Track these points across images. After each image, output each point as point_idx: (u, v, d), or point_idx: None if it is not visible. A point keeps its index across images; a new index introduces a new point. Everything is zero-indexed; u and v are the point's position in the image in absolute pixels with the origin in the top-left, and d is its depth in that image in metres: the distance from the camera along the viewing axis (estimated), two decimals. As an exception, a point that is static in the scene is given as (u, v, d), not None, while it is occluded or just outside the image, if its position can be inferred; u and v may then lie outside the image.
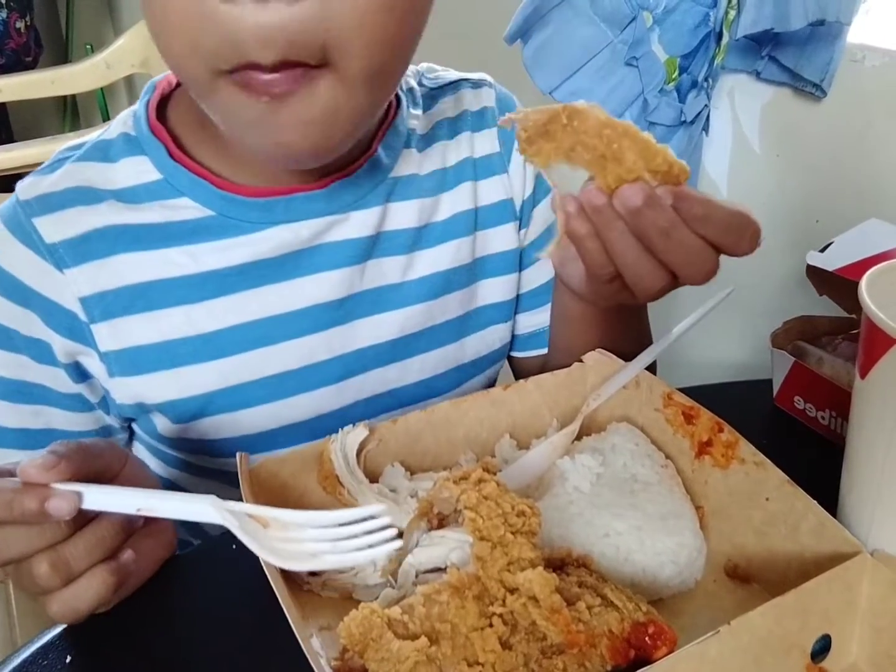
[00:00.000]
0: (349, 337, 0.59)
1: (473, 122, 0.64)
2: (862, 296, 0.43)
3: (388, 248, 0.59)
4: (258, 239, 0.54)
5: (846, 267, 0.58)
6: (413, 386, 0.63)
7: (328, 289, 0.57)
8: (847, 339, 0.64)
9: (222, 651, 0.44)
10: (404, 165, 0.60)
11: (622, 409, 0.56)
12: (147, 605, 0.46)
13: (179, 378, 0.55)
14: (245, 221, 0.54)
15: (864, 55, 1.14)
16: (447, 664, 0.37)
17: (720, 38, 1.12)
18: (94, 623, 0.45)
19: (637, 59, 1.14)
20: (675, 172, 0.41)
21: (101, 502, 0.40)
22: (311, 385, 0.59)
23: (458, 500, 0.42)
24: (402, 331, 0.61)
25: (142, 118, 0.55)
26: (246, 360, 0.56)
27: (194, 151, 0.55)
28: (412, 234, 0.60)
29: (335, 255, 0.57)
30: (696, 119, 1.17)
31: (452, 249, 0.62)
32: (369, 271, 0.59)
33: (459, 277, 0.63)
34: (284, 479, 0.49)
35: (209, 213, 0.54)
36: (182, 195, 0.54)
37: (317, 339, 0.58)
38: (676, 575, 0.45)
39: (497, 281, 0.65)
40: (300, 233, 0.55)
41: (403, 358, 0.62)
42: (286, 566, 0.39)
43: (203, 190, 0.53)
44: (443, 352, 0.63)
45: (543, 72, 1.16)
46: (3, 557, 0.40)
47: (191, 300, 0.54)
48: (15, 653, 0.44)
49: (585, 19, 1.12)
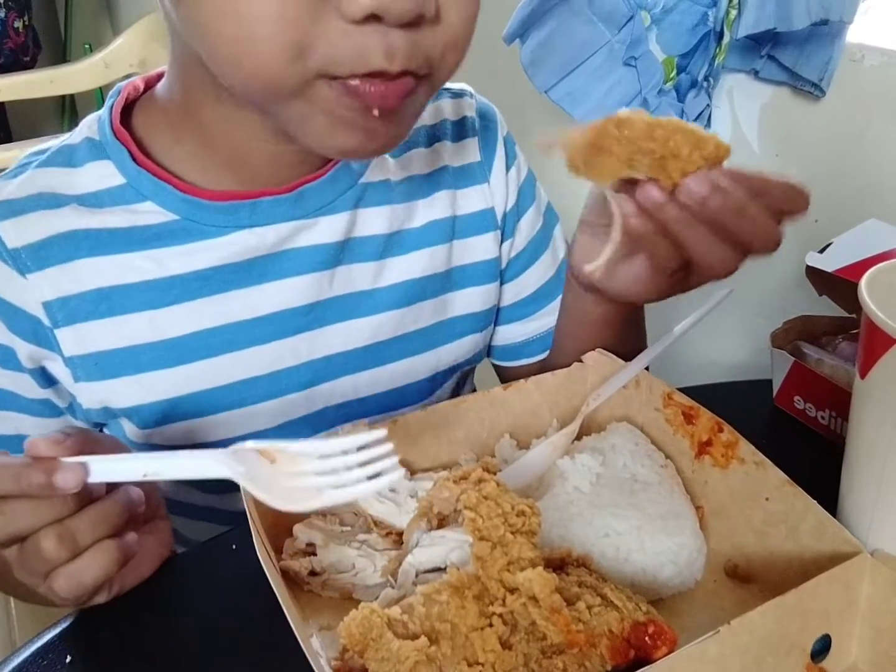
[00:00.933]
0: (317, 343, 0.58)
1: (453, 132, 0.63)
2: (862, 296, 0.43)
3: (358, 255, 0.58)
4: (223, 243, 0.54)
5: (846, 267, 0.58)
6: (384, 394, 0.62)
7: (295, 294, 0.56)
8: (847, 339, 0.64)
9: (222, 651, 0.44)
10: (377, 171, 0.59)
11: (622, 409, 0.56)
12: (147, 605, 0.46)
13: (144, 383, 0.54)
14: (209, 225, 0.53)
15: (863, 55, 1.14)
16: (447, 664, 0.37)
17: (721, 37, 1.12)
18: (94, 623, 0.45)
19: (635, 59, 1.14)
20: (721, 154, 0.41)
21: (107, 472, 0.40)
22: (279, 391, 0.58)
23: (458, 500, 0.42)
24: (373, 338, 0.60)
25: (106, 123, 0.54)
26: (211, 365, 0.55)
27: (161, 157, 0.54)
28: (383, 240, 0.59)
29: (302, 260, 0.56)
30: (697, 118, 1.17)
31: (426, 257, 0.61)
32: (339, 277, 0.58)
33: (433, 285, 0.62)
34: (284, 478, 0.49)
35: (173, 217, 0.53)
36: (146, 199, 0.53)
37: (284, 345, 0.57)
38: (676, 575, 0.45)
39: (474, 291, 0.64)
40: (266, 237, 0.54)
41: (374, 366, 0.61)
42: (292, 508, 0.40)
43: (167, 194, 0.53)
44: (415, 360, 0.63)
45: (540, 71, 1.16)
46: (11, 531, 0.40)
47: (155, 305, 0.54)
48: (15, 653, 0.44)
49: (583, 19, 1.12)
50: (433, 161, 0.62)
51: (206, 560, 0.50)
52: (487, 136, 0.64)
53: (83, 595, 0.42)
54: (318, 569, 0.46)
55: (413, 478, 0.52)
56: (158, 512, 0.50)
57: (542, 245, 0.68)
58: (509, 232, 0.65)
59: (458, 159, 0.63)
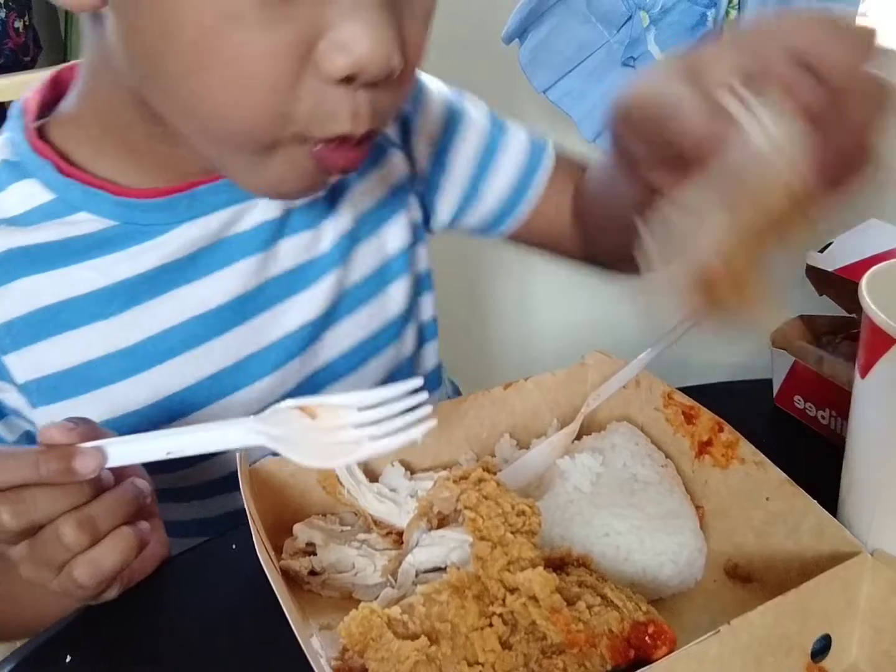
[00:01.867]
0: (276, 322, 0.57)
1: None
2: (862, 296, 0.42)
3: (298, 225, 0.58)
4: (165, 241, 0.52)
5: (846, 267, 0.58)
6: (350, 352, 0.61)
7: (245, 279, 0.55)
8: (847, 339, 0.64)
9: (222, 651, 0.44)
10: None
11: (622, 409, 0.56)
12: (147, 605, 0.46)
13: (107, 398, 0.53)
14: (149, 225, 0.52)
15: (864, 55, 1.14)
16: (447, 664, 0.36)
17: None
18: (93, 623, 0.45)
19: (634, 60, 1.14)
20: (800, 193, 0.36)
21: (126, 454, 0.40)
22: (248, 379, 0.57)
23: (458, 500, 0.42)
24: (326, 301, 0.59)
25: (20, 142, 0.52)
26: (173, 367, 0.54)
27: (90, 165, 0.52)
28: (320, 204, 0.58)
29: (246, 243, 0.55)
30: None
31: (351, 204, 0.60)
32: (283, 252, 0.57)
33: (367, 227, 0.61)
34: (284, 478, 0.49)
35: (110, 223, 0.51)
36: (79, 210, 0.51)
37: (243, 331, 0.56)
38: (676, 575, 0.45)
39: (398, 219, 0.63)
40: (208, 226, 0.53)
41: (332, 326, 0.60)
42: (328, 465, 0.42)
43: (100, 201, 0.51)
44: (367, 310, 0.62)
45: (539, 71, 1.16)
46: (30, 519, 0.40)
47: (104, 315, 0.52)
48: (15, 653, 0.44)
49: (581, 18, 1.12)
50: None
51: (206, 560, 0.50)
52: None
53: (103, 582, 0.42)
54: (318, 568, 0.46)
55: (413, 478, 0.52)
56: (153, 511, 0.49)
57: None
58: (413, 144, 0.65)
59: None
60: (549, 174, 0.68)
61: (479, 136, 0.66)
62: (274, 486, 0.49)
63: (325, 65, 0.40)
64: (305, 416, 0.41)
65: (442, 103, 0.66)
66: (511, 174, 0.67)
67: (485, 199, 0.68)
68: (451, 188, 0.67)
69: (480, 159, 0.67)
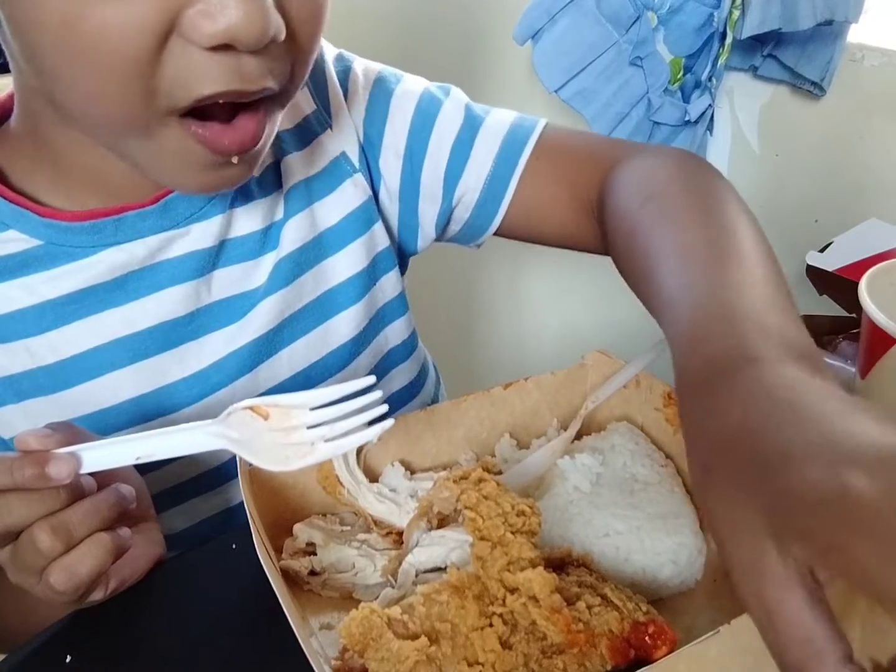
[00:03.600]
0: (203, 352, 0.57)
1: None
2: (862, 296, 0.43)
3: (235, 255, 0.57)
4: (90, 263, 0.52)
5: (846, 267, 0.58)
6: (288, 382, 0.60)
7: (174, 305, 0.55)
8: (847, 339, 0.64)
9: (222, 651, 0.44)
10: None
11: (622, 409, 0.56)
12: (147, 605, 0.46)
13: (29, 412, 0.53)
14: (74, 247, 0.51)
15: (863, 55, 1.14)
16: (447, 664, 0.37)
17: (724, 38, 1.12)
18: (93, 623, 0.45)
19: (641, 59, 1.14)
20: None
21: (98, 460, 0.41)
22: (172, 407, 0.56)
23: (458, 500, 0.42)
24: (259, 332, 0.58)
25: None
26: (96, 386, 0.54)
27: (24, 184, 0.52)
28: (258, 236, 0.57)
29: (177, 269, 0.54)
30: (700, 119, 1.17)
31: (292, 230, 0.58)
32: (216, 282, 0.56)
33: (307, 256, 0.60)
34: (284, 479, 0.49)
35: (37, 242, 0.51)
36: (8, 228, 0.51)
37: (167, 358, 0.56)
38: (676, 575, 0.45)
39: (352, 247, 0.61)
40: (135, 252, 0.52)
41: (268, 358, 0.59)
42: (286, 468, 0.39)
43: (27, 220, 0.51)
44: (305, 340, 0.61)
45: (550, 71, 1.16)
46: (5, 524, 0.40)
47: (30, 333, 0.52)
48: (15, 653, 0.44)
49: (592, 19, 1.12)
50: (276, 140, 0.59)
51: (206, 560, 0.50)
52: (315, 76, 0.60)
53: (80, 588, 0.42)
54: (318, 568, 0.46)
55: (413, 478, 0.52)
56: (148, 513, 0.49)
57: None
58: (374, 160, 0.62)
59: (292, 117, 0.59)
60: (527, 167, 0.62)
61: (452, 135, 0.62)
62: (274, 486, 0.49)
63: (192, 34, 0.38)
64: (259, 418, 0.40)
65: (409, 111, 0.62)
66: (483, 171, 0.62)
67: (463, 199, 0.64)
68: (428, 196, 0.64)
69: (448, 165, 0.62)
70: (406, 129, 0.61)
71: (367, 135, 0.62)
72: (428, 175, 0.62)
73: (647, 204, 0.49)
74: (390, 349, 0.67)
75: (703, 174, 0.51)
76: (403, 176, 0.62)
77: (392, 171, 0.62)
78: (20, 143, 0.51)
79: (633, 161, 0.56)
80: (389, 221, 0.64)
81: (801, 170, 1.23)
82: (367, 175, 0.62)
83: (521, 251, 0.73)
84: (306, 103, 0.60)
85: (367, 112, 0.61)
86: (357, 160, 0.61)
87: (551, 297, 1.56)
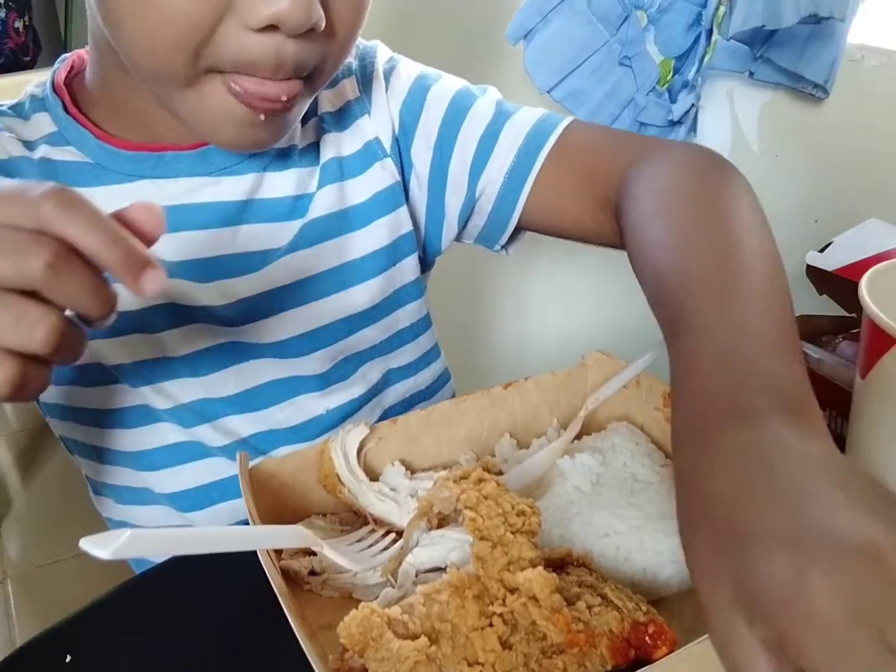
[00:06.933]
0: (231, 290, 0.59)
1: (332, 82, 0.64)
2: (862, 296, 0.43)
3: (262, 216, 0.60)
4: (127, 189, 0.56)
5: (846, 267, 0.58)
6: (296, 338, 0.62)
7: (195, 246, 0.58)
8: (847, 338, 0.64)
9: (222, 651, 0.44)
10: (285, 137, 0.59)
11: (622, 409, 0.56)
12: (147, 605, 0.47)
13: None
14: (118, 172, 0.56)
15: (863, 55, 1.14)
16: (447, 664, 0.36)
17: (710, 35, 1.12)
18: (93, 623, 0.45)
19: (630, 59, 1.14)
20: None
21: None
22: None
23: (458, 500, 0.42)
24: (274, 283, 0.60)
25: (48, 83, 0.59)
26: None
27: (89, 111, 0.58)
28: (289, 202, 0.60)
29: (202, 215, 0.58)
30: (683, 118, 1.16)
31: (321, 200, 0.61)
32: (241, 236, 0.59)
33: (332, 225, 0.62)
34: (284, 479, 0.50)
35: (88, 160, 0.57)
36: (69, 144, 0.57)
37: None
38: (676, 574, 0.45)
39: (368, 229, 0.63)
40: (166, 189, 0.57)
41: (280, 311, 0.61)
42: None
43: (85, 140, 0.57)
44: (321, 304, 0.63)
45: (542, 71, 1.16)
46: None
47: None
48: (15, 652, 0.44)
49: (583, 19, 1.12)
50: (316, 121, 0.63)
51: (205, 559, 0.50)
52: (364, 70, 0.65)
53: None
54: (318, 569, 0.46)
55: (413, 478, 0.52)
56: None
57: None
58: (406, 149, 0.65)
59: (336, 102, 0.64)
60: (546, 161, 0.63)
61: (481, 128, 0.64)
62: (274, 486, 0.49)
63: (246, 15, 0.45)
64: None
65: (444, 104, 0.64)
66: (506, 164, 0.64)
67: (485, 191, 0.65)
68: (454, 187, 0.65)
69: (474, 156, 0.64)
70: (439, 121, 0.64)
71: (403, 124, 0.65)
72: (455, 166, 0.65)
73: (657, 219, 0.50)
74: (400, 329, 0.69)
75: (717, 177, 0.53)
76: (433, 165, 0.65)
77: (423, 160, 0.65)
78: (92, 85, 0.58)
79: (650, 163, 0.56)
80: (417, 211, 0.67)
81: (801, 170, 1.23)
82: (397, 162, 0.65)
83: (522, 252, 0.73)
84: (351, 91, 0.64)
85: (404, 104, 0.65)
86: (389, 147, 0.64)
87: (553, 297, 1.56)
